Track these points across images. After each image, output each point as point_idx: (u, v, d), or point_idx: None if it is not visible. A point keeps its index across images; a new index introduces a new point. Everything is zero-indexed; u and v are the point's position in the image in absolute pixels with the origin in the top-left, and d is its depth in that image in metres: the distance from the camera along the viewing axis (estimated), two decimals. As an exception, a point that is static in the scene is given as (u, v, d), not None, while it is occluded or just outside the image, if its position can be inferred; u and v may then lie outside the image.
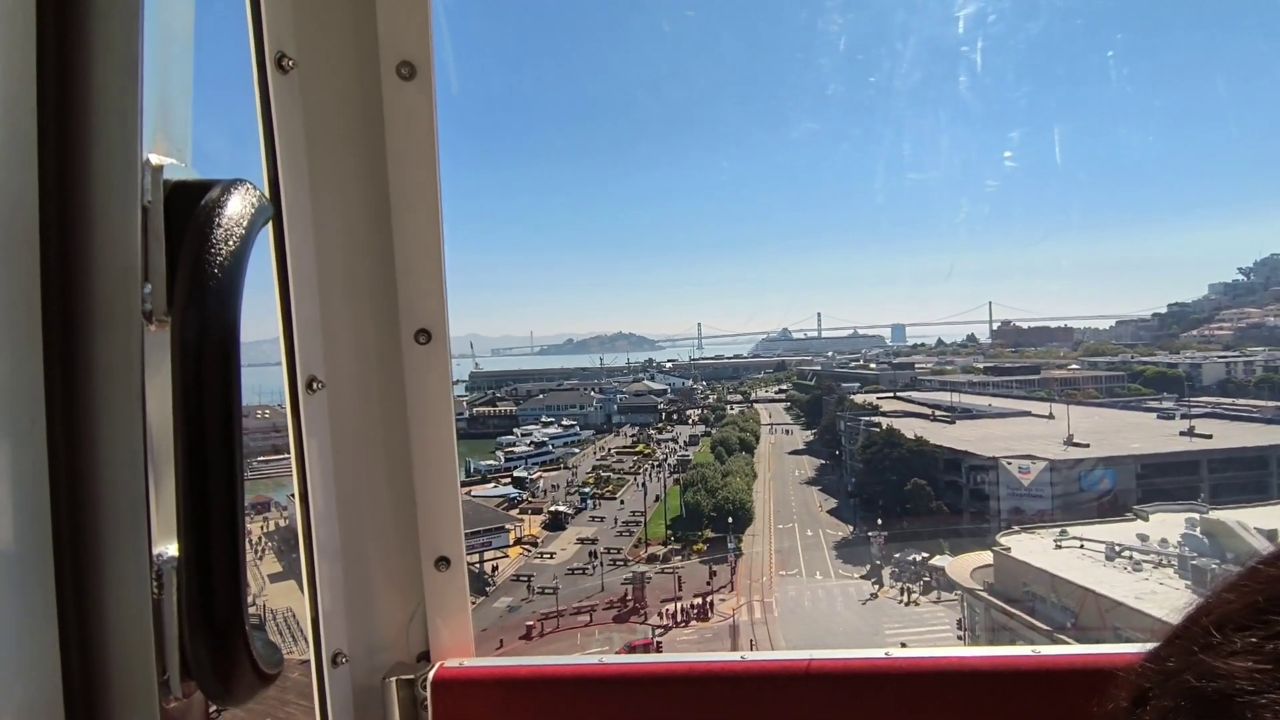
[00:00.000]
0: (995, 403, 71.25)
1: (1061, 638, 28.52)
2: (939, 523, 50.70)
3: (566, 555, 56.33)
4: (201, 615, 0.80)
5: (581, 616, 47.17)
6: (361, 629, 1.59)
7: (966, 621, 36.82)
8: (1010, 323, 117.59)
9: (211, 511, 0.80)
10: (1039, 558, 33.54)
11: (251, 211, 0.83)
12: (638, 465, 73.77)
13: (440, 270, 1.54)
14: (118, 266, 0.82)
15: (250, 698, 0.84)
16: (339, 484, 1.55)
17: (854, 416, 68.21)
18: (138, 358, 0.83)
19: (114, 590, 0.83)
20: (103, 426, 0.84)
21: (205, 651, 0.81)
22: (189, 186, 0.85)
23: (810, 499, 65.66)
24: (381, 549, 1.61)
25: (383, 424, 1.59)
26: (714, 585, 49.28)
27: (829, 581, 49.46)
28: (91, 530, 0.83)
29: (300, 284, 1.45)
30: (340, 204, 1.51)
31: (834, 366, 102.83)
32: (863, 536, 53.44)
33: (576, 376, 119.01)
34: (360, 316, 1.55)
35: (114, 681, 0.83)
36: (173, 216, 0.84)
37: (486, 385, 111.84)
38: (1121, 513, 40.15)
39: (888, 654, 1.48)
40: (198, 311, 0.79)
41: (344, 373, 1.54)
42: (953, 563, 41.31)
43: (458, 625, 1.64)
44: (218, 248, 0.79)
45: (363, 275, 1.54)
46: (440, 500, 1.61)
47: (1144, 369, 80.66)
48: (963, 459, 52.61)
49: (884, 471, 55.26)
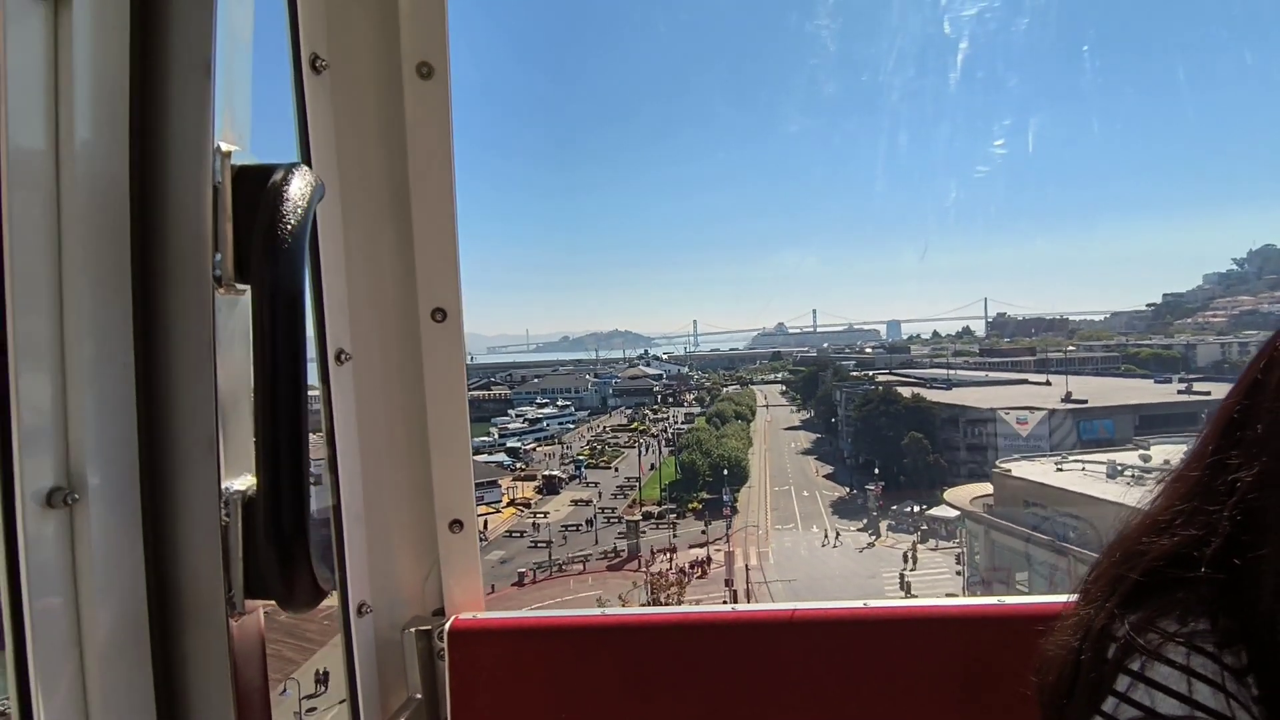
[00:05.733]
0: (993, 376, 70.96)
1: (1066, 547, 27.98)
2: (936, 475, 50.13)
3: (560, 515, 55.73)
4: (274, 535, 0.91)
5: (575, 565, 46.54)
6: (383, 584, 1.72)
7: (965, 550, 36.28)
8: (1005, 315, 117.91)
9: (282, 445, 0.91)
10: (1040, 478, 33.07)
11: (310, 189, 0.95)
12: (633, 440, 73.10)
13: (454, 253, 1.66)
14: (193, 238, 0.95)
15: (312, 606, 0.95)
16: (363, 450, 1.68)
17: (851, 385, 67.83)
18: (209, 316, 0.95)
19: (189, 517, 0.96)
20: (180, 374, 0.96)
21: (277, 564, 0.92)
22: (252, 169, 0.97)
23: (806, 466, 65.09)
24: (400, 511, 1.74)
25: (402, 395, 1.70)
26: (710, 537, 48.56)
27: (831, 534, 48.77)
28: (170, 464, 0.95)
29: (330, 263, 1.58)
30: (365, 191, 1.64)
31: (831, 354, 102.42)
32: (860, 494, 52.88)
33: (574, 366, 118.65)
34: (383, 294, 1.67)
35: (188, 596, 0.96)
36: (239, 195, 0.96)
37: (482, 374, 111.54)
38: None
39: (865, 604, 1.59)
40: (272, 272, 0.90)
41: (368, 346, 1.67)
42: (951, 492, 40.75)
43: (470, 582, 1.76)
44: (286, 219, 0.91)
45: (385, 257, 1.66)
46: (454, 467, 1.73)
47: (1139, 351, 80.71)
48: (960, 413, 52.33)
49: (880, 429, 54.83)
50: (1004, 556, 32.40)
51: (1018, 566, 31.79)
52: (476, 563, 1.78)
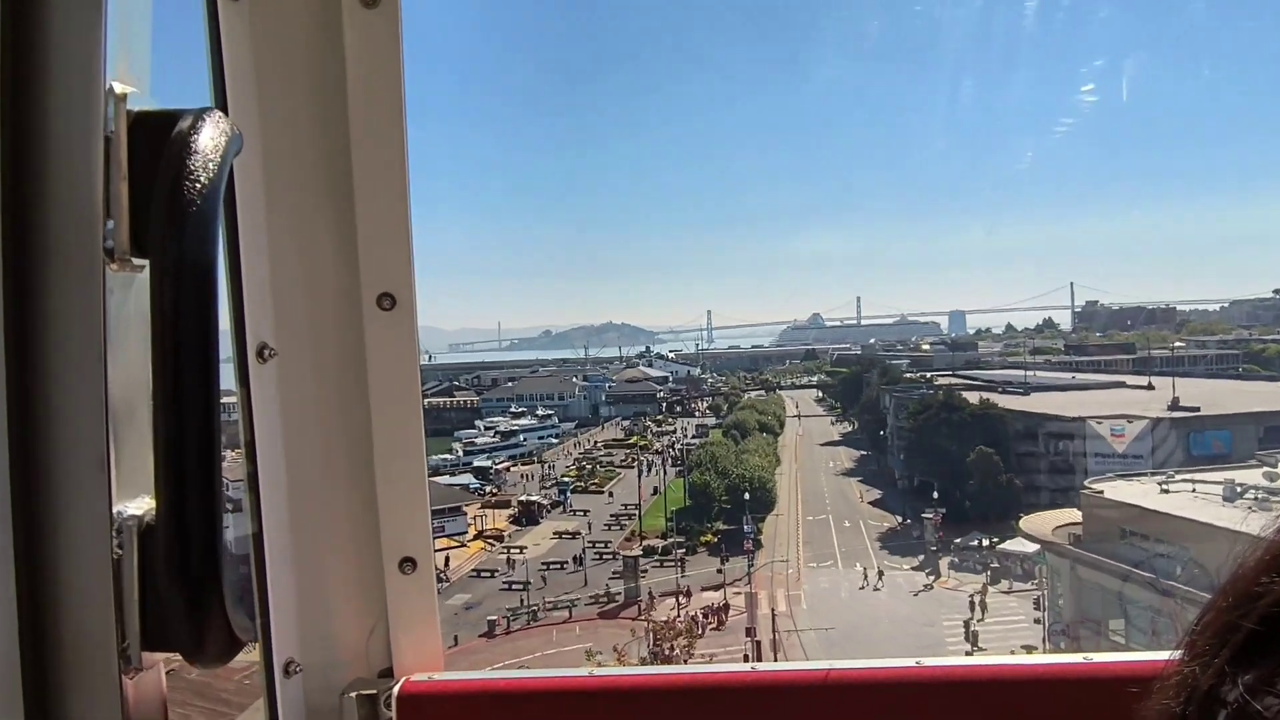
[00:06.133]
0: (1081, 379, 71.04)
1: (1173, 588, 27.99)
2: (1010, 500, 50.12)
3: (540, 550, 55.85)
4: (180, 570, 0.88)
5: (559, 613, 46.64)
6: (317, 637, 1.70)
7: (1046, 592, 36.31)
8: (1097, 303, 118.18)
9: (189, 459, 0.87)
10: (1141, 500, 33.12)
11: (225, 141, 0.92)
12: (631, 458, 73.20)
13: (406, 226, 1.66)
14: (79, 202, 0.91)
15: (225, 660, 0.92)
16: (291, 469, 1.67)
17: (904, 389, 67.91)
18: (98, 298, 0.92)
19: (72, 550, 0.92)
20: (61, 375, 0.92)
21: (182, 607, 0.88)
22: (153, 116, 0.93)
23: (848, 490, 65.22)
24: (339, 545, 1.73)
25: (341, 400, 1.70)
26: (726, 578, 48.63)
27: (872, 573, 48.78)
28: (48, 483, 0.92)
29: (250, 234, 1.55)
30: (294, 146, 1.62)
31: (878, 351, 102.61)
32: (914, 524, 52.93)
33: (556, 366, 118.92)
34: (317, 276, 1.67)
35: (70, 648, 0.92)
36: (136, 148, 0.92)
37: (443, 376, 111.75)
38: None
39: (918, 662, 1.56)
40: (177, 244, 0.87)
41: (299, 340, 1.66)
42: (1029, 520, 40.82)
43: (425, 634, 1.75)
44: (195, 177, 0.87)
45: (320, 228, 1.66)
46: (405, 490, 1.71)
47: (1264, 348, 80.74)
48: (1039, 424, 52.37)
49: (940, 442, 54.89)
50: (1094, 600, 32.45)
51: (1111, 613, 31.83)
52: (433, 610, 1.78)
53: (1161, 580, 29.28)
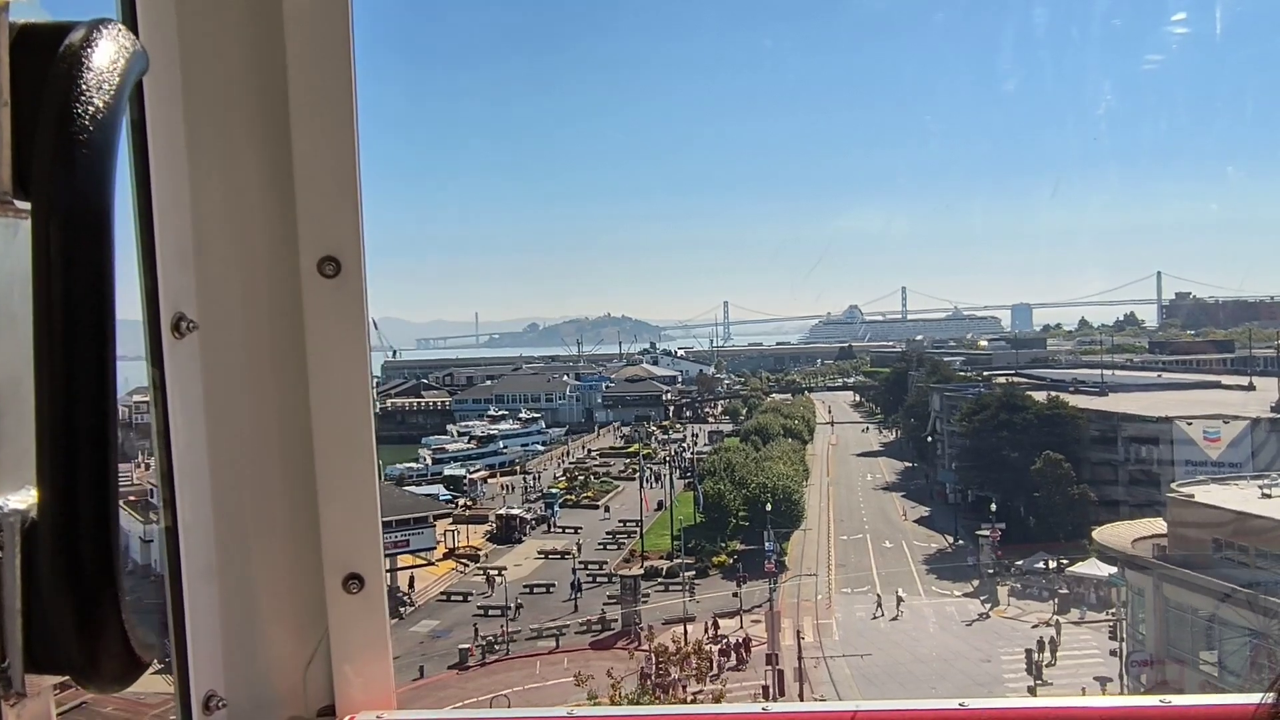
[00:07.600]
0: (1168, 378, 70.98)
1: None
2: (1081, 515, 50.01)
3: (523, 572, 55.91)
4: (68, 573, 0.85)
5: (545, 641, 46.60)
6: (243, 667, 1.68)
7: (1125, 617, 36.16)
8: (1189, 296, 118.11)
9: (81, 445, 0.85)
10: (1239, 505, 33.03)
11: (125, 59, 0.89)
12: (631, 468, 73.26)
13: (354, 177, 1.63)
14: None
15: (124, 682, 0.90)
16: (214, 465, 1.64)
17: (955, 388, 67.90)
18: None
19: None
20: None
21: (72, 618, 0.86)
22: (40, 29, 0.91)
23: (888, 506, 65.25)
24: (271, 558, 1.71)
25: (276, 382, 1.68)
26: (743, 604, 48.57)
27: (916, 600, 48.71)
28: None
29: (164, 182, 1.51)
30: (218, 76, 1.57)
31: (926, 349, 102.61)
32: (968, 544, 52.84)
33: (544, 363, 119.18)
34: (246, 234, 1.65)
35: None
36: (20, 68, 0.91)
37: (410, 374, 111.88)
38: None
39: (963, 704, 1.58)
40: (66, 183, 0.84)
41: (224, 311, 1.64)
42: (1104, 531, 40.76)
43: (375, 665, 1.74)
44: (87, 104, 0.84)
45: (249, 178, 1.63)
46: (352, 495, 1.69)
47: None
48: (1118, 425, 52.29)
49: (999, 447, 54.84)
50: (1182, 626, 32.25)
51: (1202, 642, 31.63)
52: (385, 637, 1.77)
53: (1264, 599, 29.16)
